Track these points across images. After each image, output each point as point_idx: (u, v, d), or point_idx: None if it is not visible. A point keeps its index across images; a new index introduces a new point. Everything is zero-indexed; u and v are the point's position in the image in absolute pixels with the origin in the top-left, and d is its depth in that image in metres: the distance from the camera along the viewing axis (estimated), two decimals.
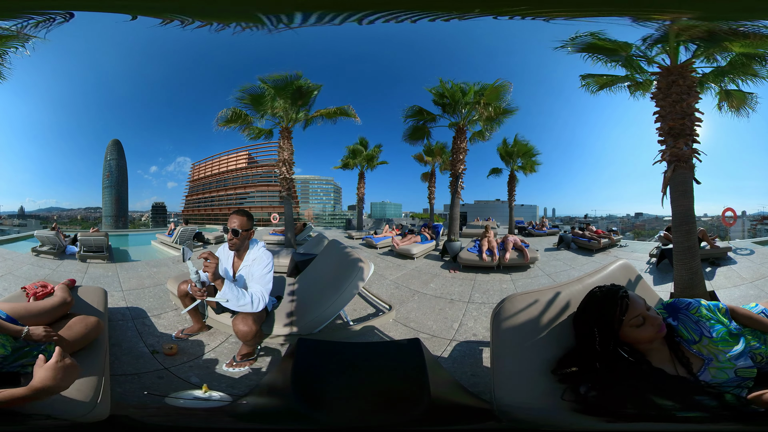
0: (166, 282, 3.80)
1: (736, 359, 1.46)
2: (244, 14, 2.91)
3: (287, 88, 7.00)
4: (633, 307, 1.51)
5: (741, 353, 1.47)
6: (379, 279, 5.14)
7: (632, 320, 1.50)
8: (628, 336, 1.52)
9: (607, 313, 1.54)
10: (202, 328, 3.12)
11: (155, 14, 3.09)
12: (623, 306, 1.51)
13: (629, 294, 1.56)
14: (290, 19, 2.86)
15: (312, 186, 11.00)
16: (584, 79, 5.38)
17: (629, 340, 1.52)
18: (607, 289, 1.61)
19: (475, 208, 10.21)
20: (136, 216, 9.98)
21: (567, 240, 7.10)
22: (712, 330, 1.50)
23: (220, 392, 2.13)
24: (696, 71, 4.42)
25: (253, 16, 2.90)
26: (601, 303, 1.58)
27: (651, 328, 1.49)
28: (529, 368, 1.58)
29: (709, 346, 1.49)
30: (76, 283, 2.90)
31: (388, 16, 2.91)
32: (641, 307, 1.52)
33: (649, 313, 1.52)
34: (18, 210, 8.22)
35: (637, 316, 1.50)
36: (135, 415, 1.94)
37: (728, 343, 1.48)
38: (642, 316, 1.50)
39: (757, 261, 5.48)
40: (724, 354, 1.46)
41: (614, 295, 1.56)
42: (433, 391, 1.77)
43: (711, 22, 3.60)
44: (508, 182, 9.04)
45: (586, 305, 1.64)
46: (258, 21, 2.94)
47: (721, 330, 1.50)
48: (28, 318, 1.92)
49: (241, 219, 2.75)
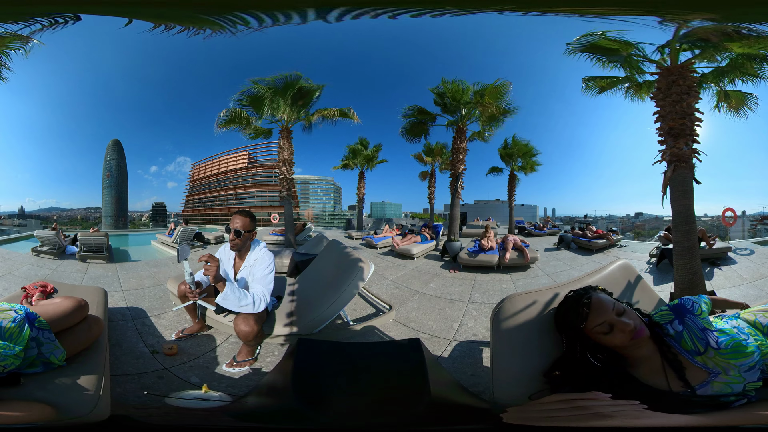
0: (166, 282, 3.80)
1: (746, 372, 1.32)
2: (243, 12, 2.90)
3: (287, 88, 7.01)
4: (596, 314, 1.44)
5: (755, 365, 1.33)
6: (379, 279, 5.14)
7: (596, 328, 1.43)
8: (603, 342, 1.44)
9: (571, 320, 1.50)
10: (202, 328, 3.11)
11: (148, 19, 3.09)
12: (582, 315, 1.46)
13: (593, 300, 1.48)
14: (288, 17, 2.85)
15: (312, 186, 11.00)
16: (586, 82, 5.40)
17: (607, 345, 1.45)
18: (575, 295, 1.56)
19: (475, 208, 10.21)
20: (136, 216, 9.99)
21: (567, 240, 7.11)
22: (719, 341, 1.35)
23: (220, 392, 2.13)
24: (696, 71, 4.42)
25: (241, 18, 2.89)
26: (566, 309, 1.55)
27: (621, 335, 1.40)
28: (529, 368, 1.58)
29: (716, 358, 1.34)
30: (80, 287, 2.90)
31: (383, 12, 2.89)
32: (607, 314, 1.43)
33: (622, 318, 1.42)
34: (18, 210, 8.22)
35: (601, 324, 1.42)
36: (135, 415, 1.94)
37: (739, 355, 1.33)
38: (608, 323, 1.41)
39: (757, 261, 5.48)
40: (734, 369, 1.32)
41: (577, 302, 1.50)
42: (433, 391, 1.77)
43: (723, 24, 3.58)
44: (508, 182, 9.06)
45: (557, 310, 1.61)
46: (259, 19, 2.93)
47: (732, 341, 1.35)
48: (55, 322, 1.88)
49: (243, 220, 2.74)
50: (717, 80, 4.91)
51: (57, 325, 1.88)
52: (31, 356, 1.69)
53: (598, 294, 1.53)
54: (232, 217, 2.80)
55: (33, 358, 1.69)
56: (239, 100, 7.10)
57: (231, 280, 2.81)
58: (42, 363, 1.72)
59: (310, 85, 7.23)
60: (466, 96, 7.25)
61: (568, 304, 1.57)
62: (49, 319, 1.85)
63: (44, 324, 1.78)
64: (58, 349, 1.76)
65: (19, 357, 1.60)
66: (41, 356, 1.72)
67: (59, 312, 1.94)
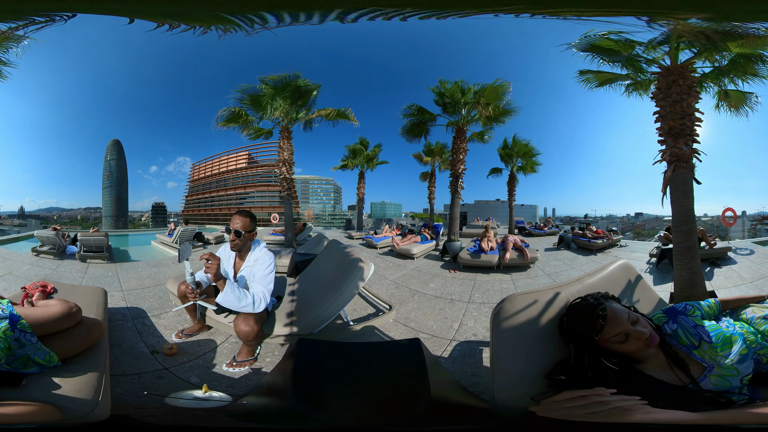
0: (166, 282, 3.80)
1: (739, 363, 1.40)
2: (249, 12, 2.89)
3: (286, 88, 7.01)
4: (611, 326, 1.43)
5: (744, 356, 1.41)
6: (379, 279, 5.14)
7: (612, 338, 1.43)
8: (615, 349, 1.45)
9: (582, 331, 1.48)
10: (202, 328, 3.11)
11: (150, 18, 3.08)
12: (597, 327, 1.44)
13: (608, 311, 1.45)
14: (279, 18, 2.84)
15: (312, 186, 11.00)
16: (583, 74, 5.35)
17: (618, 351, 1.46)
18: (586, 304, 1.53)
19: (475, 208, 10.22)
20: (136, 216, 9.99)
21: (567, 240, 7.11)
22: (711, 335, 1.45)
23: (220, 392, 2.13)
24: (696, 71, 4.42)
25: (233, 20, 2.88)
26: (577, 319, 1.52)
27: (636, 343, 1.41)
28: (529, 368, 1.58)
29: (709, 351, 1.42)
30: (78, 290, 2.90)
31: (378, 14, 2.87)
32: (622, 325, 1.42)
33: (636, 327, 1.43)
34: (18, 210, 8.23)
35: (617, 334, 1.42)
36: (135, 415, 1.94)
37: (726, 346, 1.42)
38: (624, 333, 1.42)
39: (757, 261, 5.48)
40: (724, 359, 1.40)
41: (590, 313, 1.48)
42: (433, 391, 1.77)
43: (718, 24, 3.58)
44: (508, 182, 9.06)
45: (566, 317, 1.59)
46: (261, 19, 2.93)
47: (720, 334, 1.45)
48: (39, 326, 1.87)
49: (244, 220, 2.73)
50: (717, 80, 4.91)
51: (45, 328, 1.87)
52: (23, 355, 1.69)
53: (611, 304, 1.50)
54: (232, 217, 2.79)
55: (26, 357, 1.70)
56: (240, 99, 7.11)
57: (231, 279, 2.81)
58: (36, 363, 1.72)
59: (309, 85, 7.24)
60: (466, 96, 7.26)
61: (578, 314, 1.53)
62: (35, 322, 1.84)
63: (26, 326, 1.76)
64: (42, 350, 1.74)
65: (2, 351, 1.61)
66: (30, 357, 1.72)
67: (47, 316, 1.93)
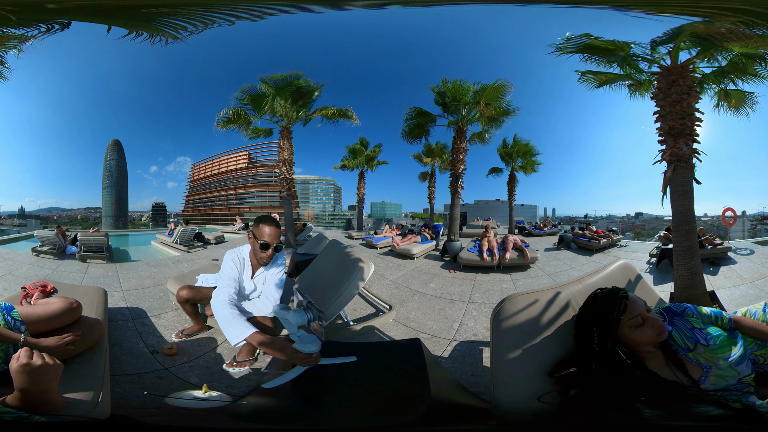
0: (166, 282, 3.80)
1: (737, 364, 1.44)
2: None
3: (287, 88, 7.00)
4: (632, 307, 1.53)
5: (741, 357, 1.45)
6: (379, 279, 5.13)
7: (631, 320, 1.51)
8: (628, 337, 1.52)
9: (606, 312, 1.55)
10: (202, 329, 3.11)
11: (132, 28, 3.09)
12: (621, 306, 1.53)
13: (629, 295, 1.57)
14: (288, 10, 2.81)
15: (312, 186, 10.99)
16: (583, 75, 5.34)
17: (628, 341, 1.52)
18: (608, 290, 1.63)
19: (475, 208, 10.20)
20: (136, 216, 9.98)
21: (567, 240, 7.11)
22: (708, 338, 1.49)
23: (220, 392, 2.13)
24: (696, 71, 4.42)
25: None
26: (601, 302, 1.60)
27: (651, 330, 1.49)
28: (529, 368, 1.58)
29: (706, 353, 1.47)
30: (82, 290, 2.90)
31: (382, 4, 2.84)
32: (641, 308, 1.53)
33: (650, 314, 1.53)
34: (18, 210, 8.22)
35: (636, 317, 1.51)
36: (135, 415, 1.94)
37: (726, 348, 1.47)
38: (641, 316, 1.51)
39: (757, 261, 5.48)
40: (724, 360, 1.45)
41: (614, 296, 1.58)
42: (433, 391, 1.77)
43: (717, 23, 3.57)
44: (508, 182, 9.04)
45: (588, 305, 1.66)
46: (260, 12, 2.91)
47: (719, 336, 1.49)
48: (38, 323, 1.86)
49: (279, 232, 2.50)
50: (717, 80, 4.90)
51: (46, 325, 1.87)
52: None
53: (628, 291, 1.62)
54: (261, 226, 2.45)
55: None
56: (240, 99, 7.11)
57: (243, 286, 2.64)
58: None
59: (310, 85, 7.23)
60: (466, 96, 7.25)
61: (602, 299, 1.61)
62: (36, 319, 1.84)
63: (17, 315, 1.77)
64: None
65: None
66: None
67: (48, 313, 1.93)
